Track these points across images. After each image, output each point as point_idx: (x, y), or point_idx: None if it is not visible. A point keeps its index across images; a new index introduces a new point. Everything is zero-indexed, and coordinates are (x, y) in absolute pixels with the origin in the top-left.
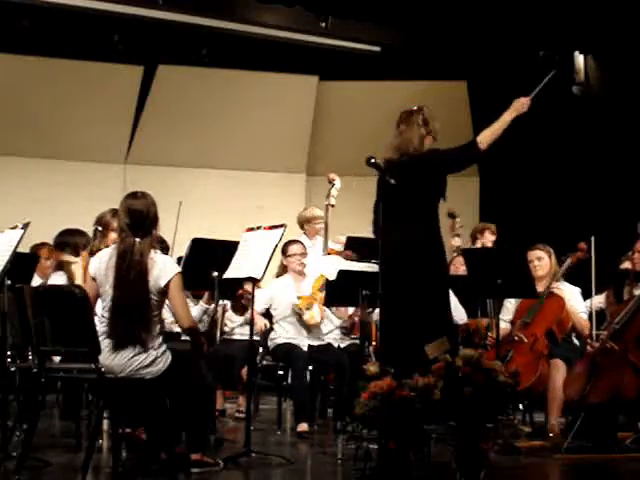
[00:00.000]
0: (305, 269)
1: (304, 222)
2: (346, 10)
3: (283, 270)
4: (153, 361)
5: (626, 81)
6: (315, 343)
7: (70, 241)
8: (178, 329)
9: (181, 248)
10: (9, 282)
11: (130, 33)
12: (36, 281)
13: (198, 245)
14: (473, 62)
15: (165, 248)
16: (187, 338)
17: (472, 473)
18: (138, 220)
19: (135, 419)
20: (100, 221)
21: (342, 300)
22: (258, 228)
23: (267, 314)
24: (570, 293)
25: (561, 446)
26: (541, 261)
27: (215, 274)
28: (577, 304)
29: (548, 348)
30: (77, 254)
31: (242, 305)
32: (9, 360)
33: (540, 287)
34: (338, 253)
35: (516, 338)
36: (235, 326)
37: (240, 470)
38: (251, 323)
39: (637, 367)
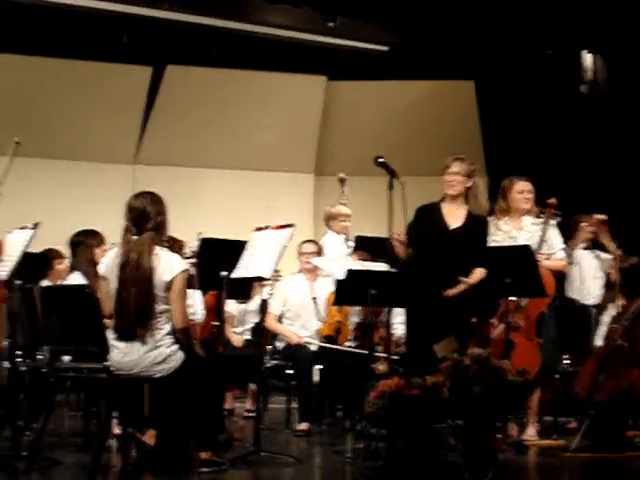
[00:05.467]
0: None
1: (329, 218)
2: (354, 10)
3: None
4: (165, 359)
5: (634, 80)
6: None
7: (83, 240)
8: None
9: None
10: (19, 282)
11: (139, 33)
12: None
13: (207, 245)
14: (481, 62)
15: (178, 247)
16: None
17: (480, 472)
18: (136, 218)
19: (144, 418)
20: None
21: (351, 300)
22: (266, 228)
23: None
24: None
25: (570, 445)
26: (531, 194)
27: (224, 273)
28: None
29: None
30: (91, 254)
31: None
32: (19, 360)
33: (517, 223)
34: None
35: None
36: (248, 328)
37: (249, 469)
38: (261, 325)
39: None
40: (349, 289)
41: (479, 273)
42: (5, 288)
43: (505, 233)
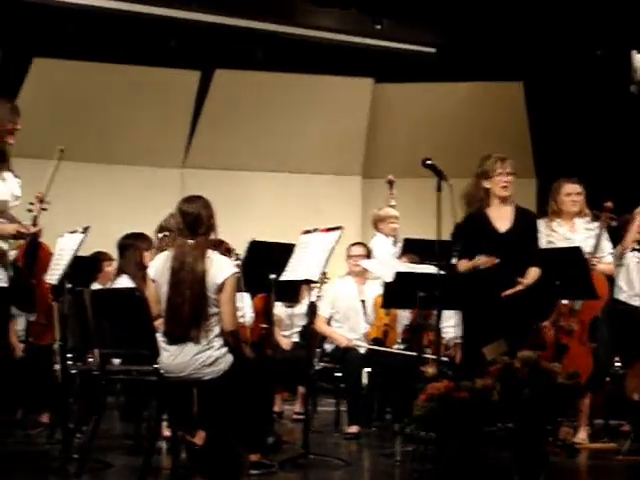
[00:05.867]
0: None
1: (378, 221)
2: (400, 12)
3: None
4: (214, 361)
5: None
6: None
7: (132, 243)
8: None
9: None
10: (69, 285)
11: (187, 38)
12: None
13: (256, 247)
14: (529, 62)
15: (225, 249)
16: None
17: (531, 475)
18: (190, 223)
19: (194, 420)
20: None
21: (398, 302)
22: (315, 230)
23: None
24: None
25: (621, 448)
26: (579, 196)
27: (273, 276)
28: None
29: None
30: (140, 257)
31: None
32: (69, 363)
33: (571, 225)
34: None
35: None
36: (296, 331)
37: (298, 472)
38: (310, 328)
39: None
40: (396, 292)
41: (534, 272)
42: (52, 293)
43: (560, 234)
